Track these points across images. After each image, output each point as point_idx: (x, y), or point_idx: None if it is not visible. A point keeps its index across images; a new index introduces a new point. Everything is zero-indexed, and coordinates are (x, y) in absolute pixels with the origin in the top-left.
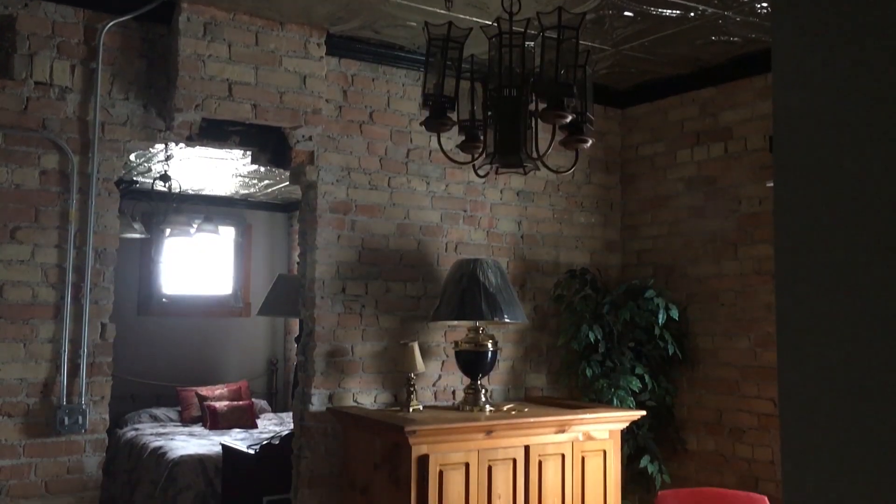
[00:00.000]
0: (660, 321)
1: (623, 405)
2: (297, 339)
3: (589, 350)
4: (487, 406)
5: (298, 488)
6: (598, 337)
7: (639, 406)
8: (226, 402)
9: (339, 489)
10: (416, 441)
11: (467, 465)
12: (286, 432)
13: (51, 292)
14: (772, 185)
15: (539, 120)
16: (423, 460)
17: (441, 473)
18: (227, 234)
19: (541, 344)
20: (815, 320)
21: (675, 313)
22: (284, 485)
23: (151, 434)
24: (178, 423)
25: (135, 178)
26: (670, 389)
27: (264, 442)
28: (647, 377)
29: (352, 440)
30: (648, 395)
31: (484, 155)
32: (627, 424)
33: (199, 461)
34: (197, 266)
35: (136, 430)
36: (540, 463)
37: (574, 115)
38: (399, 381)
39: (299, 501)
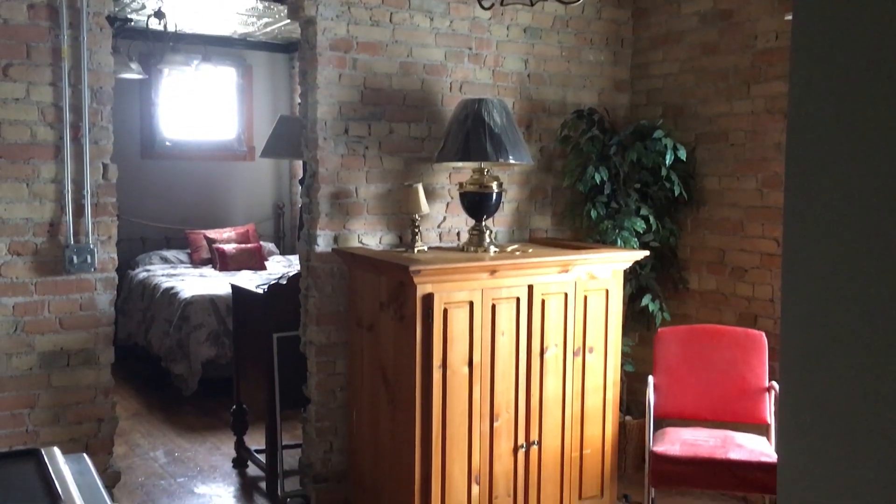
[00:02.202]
0: (667, 162)
1: (627, 246)
2: (301, 182)
3: (594, 191)
4: (492, 247)
5: (307, 326)
6: (604, 178)
7: (642, 247)
8: (234, 245)
9: (347, 327)
10: (420, 280)
11: (471, 304)
12: (293, 273)
13: (49, 132)
14: (790, 17)
15: None
16: (428, 299)
17: (446, 311)
18: (227, 76)
19: (546, 185)
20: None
21: (682, 154)
22: (293, 323)
23: (163, 275)
24: (189, 265)
25: (129, 16)
26: (674, 230)
27: (272, 282)
28: (651, 218)
29: (357, 280)
30: (652, 237)
31: None
32: (630, 264)
33: (210, 301)
34: (198, 109)
35: (148, 271)
36: (543, 302)
37: None
38: (404, 222)
39: (308, 338)
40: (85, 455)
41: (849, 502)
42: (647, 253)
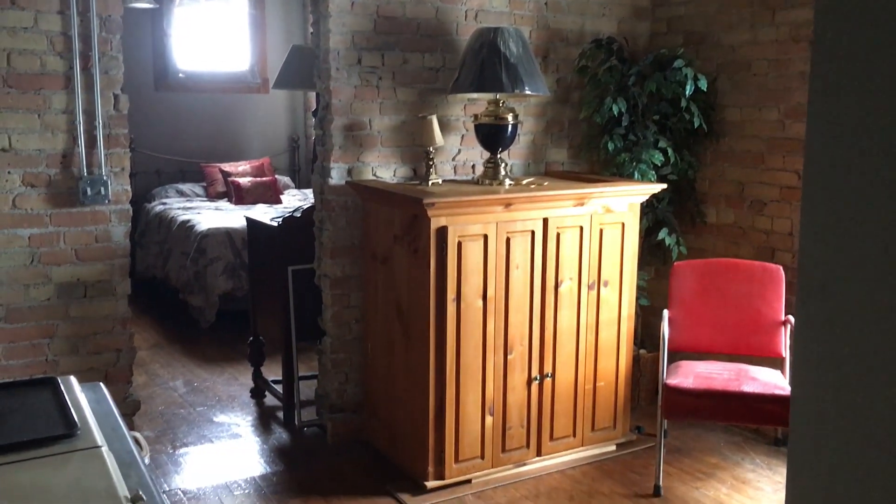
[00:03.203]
0: (687, 93)
1: (644, 179)
2: (315, 114)
3: (612, 123)
4: (507, 180)
5: (321, 259)
6: (622, 110)
7: (660, 180)
8: (249, 179)
9: (361, 260)
10: (434, 213)
11: (486, 237)
12: (308, 205)
13: (59, 62)
14: None
15: None
16: (442, 232)
17: (460, 245)
18: (239, 5)
19: (562, 117)
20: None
21: (703, 84)
22: (308, 256)
23: (179, 208)
24: (205, 199)
25: None
26: (693, 163)
27: (286, 215)
28: (670, 151)
29: (372, 213)
30: (670, 169)
31: None
32: (647, 198)
33: (226, 234)
34: (211, 40)
35: (164, 204)
36: (558, 235)
37: None
38: (418, 155)
39: (322, 271)
40: (101, 384)
41: (861, 435)
42: (664, 186)
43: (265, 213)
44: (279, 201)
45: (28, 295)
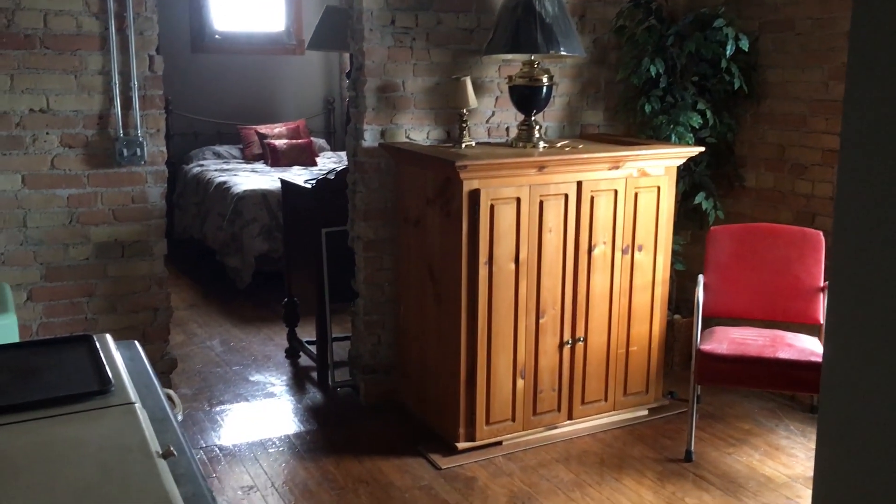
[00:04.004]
0: (727, 53)
1: (681, 142)
2: (348, 75)
3: (649, 85)
4: (541, 142)
5: (354, 221)
6: (660, 71)
7: (698, 143)
8: (285, 141)
9: (394, 222)
10: (467, 176)
11: (518, 200)
12: (342, 167)
13: (94, 22)
14: None
15: None
16: (475, 195)
17: (492, 208)
18: None
19: (599, 79)
20: None
21: (744, 44)
22: (341, 218)
23: (216, 170)
24: (241, 161)
25: None
26: (732, 126)
27: (320, 177)
28: (708, 113)
29: (404, 175)
30: (709, 132)
31: None
32: (684, 161)
33: (262, 196)
34: (247, 1)
35: (202, 166)
36: (592, 198)
37: None
38: (451, 117)
39: (355, 233)
40: (136, 342)
41: (893, 402)
42: (702, 149)
43: (300, 176)
44: (314, 163)
45: (67, 254)
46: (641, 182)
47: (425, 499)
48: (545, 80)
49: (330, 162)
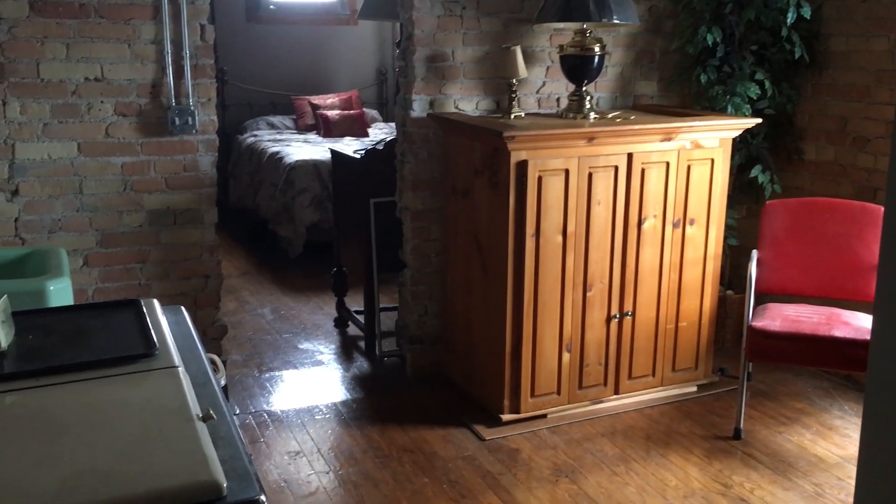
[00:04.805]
0: (788, 21)
1: (738, 113)
2: (398, 45)
3: (706, 54)
4: (592, 113)
5: (402, 191)
6: (717, 39)
7: (755, 114)
8: (337, 111)
9: (442, 193)
10: (514, 147)
11: (567, 172)
12: (391, 138)
13: None
14: None
15: None
16: (522, 166)
17: (540, 179)
18: None
19: (653, 48)
20: None
21: (806, 12)
22: (390, 188)
23: (269, 140)
24: (294, 131)
25: None
26: (792, 96)
27: (369, 147)
28: (767, 83)
29: (453, 146)
30: (767, 103)
31: None
32: (740, 133)
33: (313, 166)
34: None
35: (255, 136)
36: (643, 171)
37: None
38: (501, 87)
39: (403, 204)
40: (182, 307)
41: None
42: (758, 121)
43: (351, 146)
44: (366, 134)
45: (122, 221)
46: (695, 154)
47: (469, 469)
48: (597, 49)
49: (381, 133)
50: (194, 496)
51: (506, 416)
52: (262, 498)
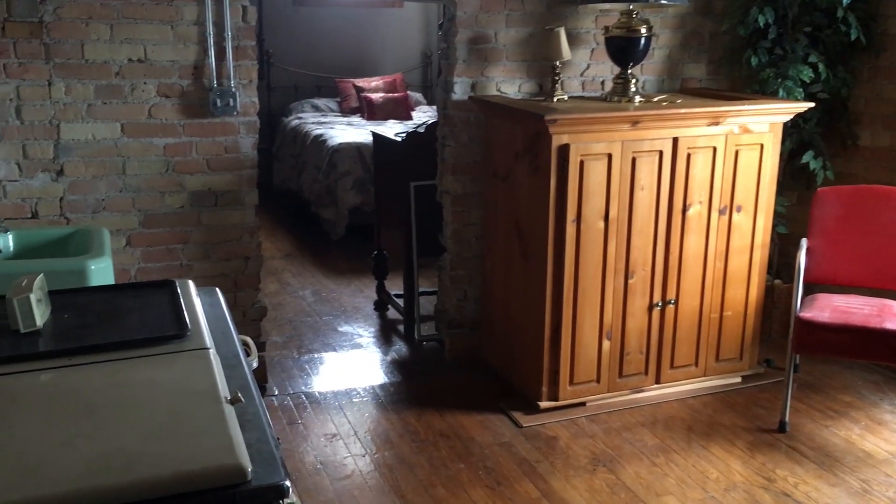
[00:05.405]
0: (844, 1)
1: (790, 97)
2: (440, 26)
3: (757, 36)
4: (637, 97)
5: (443, 175)
6: (770, 21)
7: (808, 98)
8: (381, 94)
9: (482, 177)
10: (556, 130)
11: (609, 157)
12: (432, 121)
13: None
14: None
15: None
16: (564, 150)
17: (582, 163)
18: None
19: (702, 30)
20: None
21: None
22: (430, 172)
23: (313, 123)
24: (338, 114)
25: None
26: (847, 80)
27: (410, 130)
28: (821, 66)
29: (494, 129)
30: (820, 87)
31: None
32: (791, 117)
33: (356, 149)
34: None
35: (300, 118)
36: (688, 156)
37: None
38: (544, 70)
39: (444, 187)
40: (217, 289)
41: None
42: (811, 105)
43: (394, 129)
44: (410, 117)
45: (164, 202)
46: (743, 139)
47: (505, 456)
48: (644, 30)
49: (425, 116)
50: (219, 480)
51: (544, 404)
52: (287, 483)
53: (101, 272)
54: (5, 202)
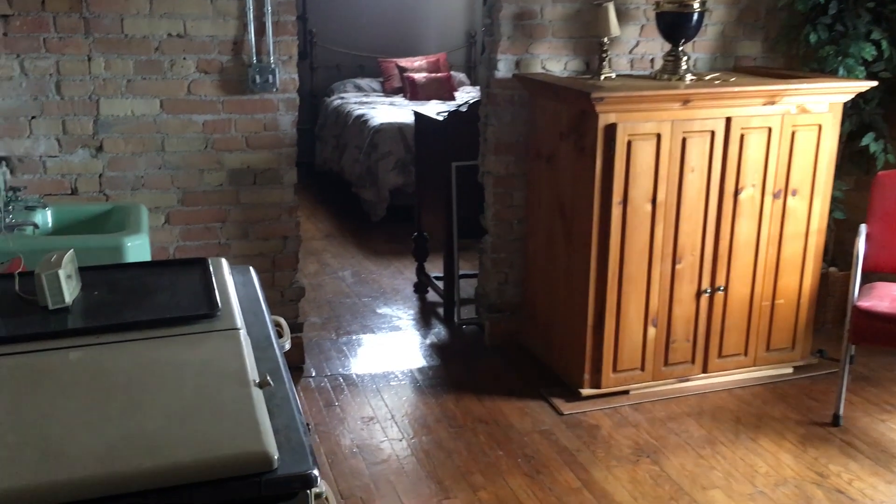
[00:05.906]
0: None
1: (850, 76)
2: (485, 1)
3: (816, 12)
4: (688, 75)
5: (485, 155)
6: None
7: (870, 77)
8: (424, 74)
9: (525, 157)
10: (603, 109)
11: (658, 137)
12: (475, 100)
13: None
14: None
15: None
16: (611, 129)
17: (629, 144)
18: None
19: (758, 5)
20: None
21: None
22: (473, 152)
23: (355, 103)
24: (381, 94)
25: None
26: None
27: (452, 109)
28: (884, 44)
29: (538, 108)
30: (883, 65)
31: None
32: (852, 97)
33: (398, 129)
34: None
35: (342, 98)
36: (742, 137)
37: None
38: (591, 47)
39: (486, 168)
40: (251, 268)
41: None
42: (874, 84)
43: (436, 109)
44: (453, 98)
45: (203, 179)
46: (800, 120)
47: (545, 444)
48: (696, 5)
49: (468, 96)
50: (243, 467)
51: (586, 391)
52: (315, 472)
53: (137, 249)
54: (45, 178)
